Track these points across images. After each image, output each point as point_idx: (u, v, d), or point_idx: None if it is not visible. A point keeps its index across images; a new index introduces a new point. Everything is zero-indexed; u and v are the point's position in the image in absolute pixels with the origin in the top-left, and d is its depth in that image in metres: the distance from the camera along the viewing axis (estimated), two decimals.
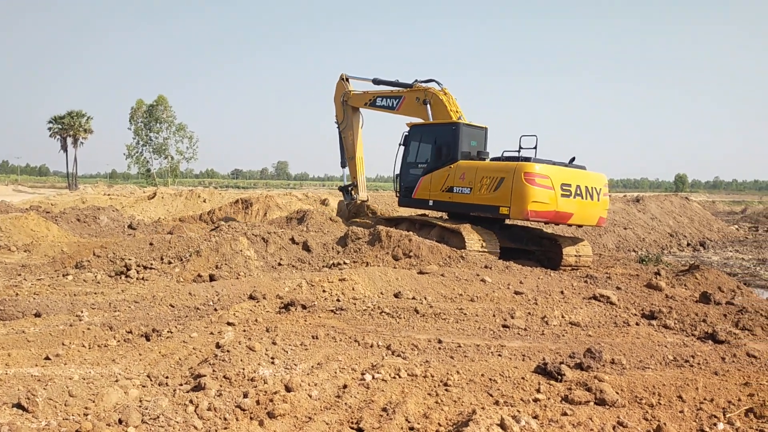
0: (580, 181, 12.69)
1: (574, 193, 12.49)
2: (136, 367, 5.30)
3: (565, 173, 12.55)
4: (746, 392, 5.07)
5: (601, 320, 7.90)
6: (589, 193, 12.79)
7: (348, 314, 7.48)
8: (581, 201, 12.64)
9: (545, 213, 12.24)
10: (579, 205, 12.62)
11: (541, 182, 12.13)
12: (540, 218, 12.38)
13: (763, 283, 15.15)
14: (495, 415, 3.97)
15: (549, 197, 12.14)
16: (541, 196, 12.10)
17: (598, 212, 13.20)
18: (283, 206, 22.49)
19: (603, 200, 13.23)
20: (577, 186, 12.56)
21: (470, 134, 14.27)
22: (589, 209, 12.91)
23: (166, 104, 69.24)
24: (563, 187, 12.33)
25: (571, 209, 12.49)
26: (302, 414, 4.38)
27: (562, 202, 12.29)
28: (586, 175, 12.95)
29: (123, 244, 10.68)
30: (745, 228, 35.44)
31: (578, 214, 12.72)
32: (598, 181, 13.17)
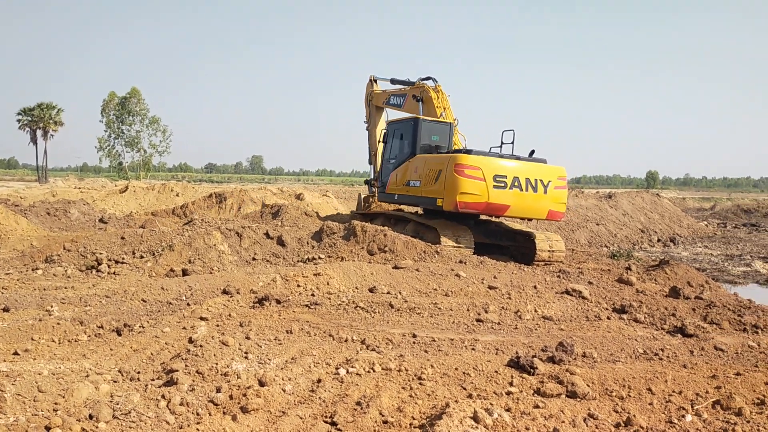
0: (522, 173, 12.48)
1: (510, 184, 12.30)
2: (107, 362, 5.23)
3: (501, 165, 12.41)
4: (713, 385, 5.18)
5: (573, 314, 7.99)
6: (531, 185, 12.53)
7: (322, 309, 7.47)
8: (519, 193, 12.41)
9: (476, 204, 12.23)
10: (516, 197, 12.40)
11: (471, 173, 12.10)
12: (470, 209, 12.35)
13: (730, 278, 15.44)
14: (468, 408, 4.00)
15: (479, 189, 12.10)
16: (471, 187, 12.09)
17: (545, 205, 12.88)
18: (258, 201, 22.31)
19: (554, 193, 12.90)
20: (515, 178, 12.36)
21: (431, 129, 14.44)
22: (529, 202, 12.66)
23: (139, 97, 68.22)
24: (496, 178, 12.20)
25: (506, 201, 12.33)
26: (276, 408, 4.37)
27: (494, 194, 12.18)
28: (531, 167, 12.71)
29: (94, 238, 10.53)
30: (713, 224, 36.07)
31: (516, 206, 12.51)
32: (549, 173, 12.92)
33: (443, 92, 15.38)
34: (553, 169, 13.08)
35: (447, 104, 15.17)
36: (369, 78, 18.67)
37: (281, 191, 26.31)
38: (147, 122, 68.81)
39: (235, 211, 21.21)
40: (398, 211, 15.65)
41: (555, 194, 12.93)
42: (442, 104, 15.06)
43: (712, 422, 4.26)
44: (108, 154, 69.39)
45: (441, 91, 15.37)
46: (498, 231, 14.20)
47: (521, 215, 13.11)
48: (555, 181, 12.93)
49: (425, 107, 15.26)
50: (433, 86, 15.49)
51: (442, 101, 15.11)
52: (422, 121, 14.35)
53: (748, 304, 8.89)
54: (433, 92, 15.21)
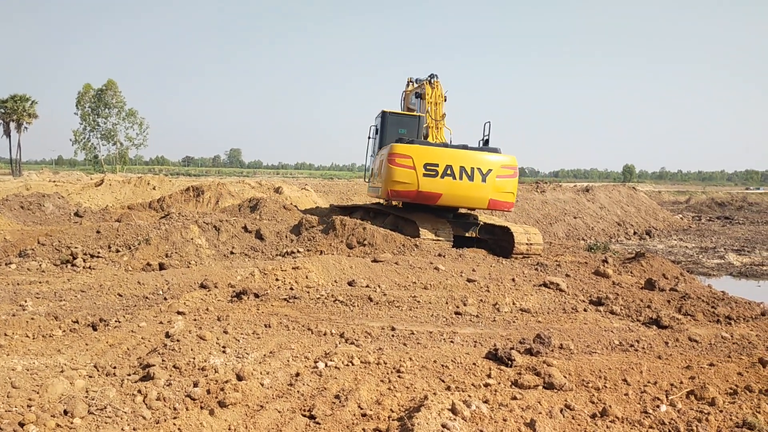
0: (456, 161, 12.43)
1: (443, 173, 12.32)
2: (82, 357, 5.17)
3: (433, 153, 12.44)
4: (688, 375, 5.25)
5: (551, 307, 8.06)
6: (467, 174, 12.44)
7: (301, 303, 7.45)
8: (452, 182, 12.38)
9: (407, 193, 12.43)
10: (448, 185, 12.39)
11: (401, 162, 12.29)
12: (401, 198, 12.57)
13: (704, 270, 15.68)
14: (446, 401, 4.02)
15: (410, 177, 12.25)
16: (402, 176, 12.30)
17: (484, 194, 12.71)
18: (236, 194, 22.16)
19: (496, 182, 12.72)
20: (448, 166, 12.35)
21: (398, 122, 14.56)
22: (463, 191, 12.59)
23: (115, 89, 67.39)
24: (427, 167, 12.27)
25: (437, 189, 12.38)
26: (254, 402, 4.35)
27: (424, 182, 12.27)
28: (468, 156, 12.62)
29: (69, 232, 10.39)
30: (688, 217, 36.60)
31: (448, 194, 12.50)
32: (491, 162, 12.74)
33: (439, 87, 15.34)
34: (496, 157, 12.88)
35: (439, 99, 15.16)
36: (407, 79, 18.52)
37: (260, 185, 26.17)
38: (124, 115, 67.99)
39: (212, 204, 21.05)
40: (377, 205, 15.67)
41: (497, 183, 12.76)
42: (433, 99, 15.10)
43: (686, 412, 4.32)
44: (83, 147, 68.53)
45: (437, 86, 15.33)
46: (476, 224, 14.26)
47: (457, 204, 13.14)
48: (498, 170, 12.75)
49: (422, 103, 15.38)
50: (430, 82, 15.49)
51: (434, 96, 15.15)
52: (388, 115, 14.50)
53: (722, 295, 9.04)
54: (428, 87, 15.23)
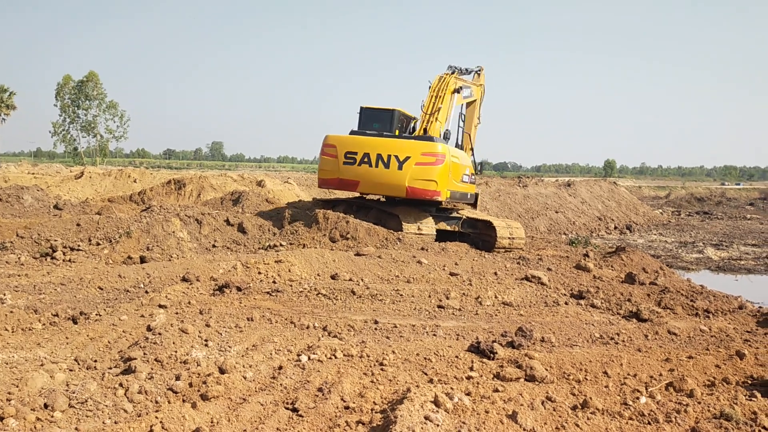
0: (373, 149, 12.50)
1: (360, 161, 12.50)
2: (62, 350, 5.12)
3: (353, 142, 12.76)
4: (667, 367, 5.33)
5: (533, 300, 8.12)
6: (382, 161, 12.40)
7: (284, 296, 7.44)
8: (368, 169, 12.47)
9: (331, 181, 13.03)
10: (365, 173, 12.51)
11: (328, 152, 12.90)
12: (328, 186, 13.21)
13: (684, 264, 15.87)
14: (429, 393, 4.04)
15: (333, 166, 12.79)
16: (327, 164, 12.93)
17: (401, 182, 12.39)
18: (218, 187, 22.02)
19: (414, 169, 12.36)
20: (365, 154, 12.48)
21: (372, 117, 14.42)
22: (380, 178, 12.51)
23: (96, 80, 66.48)
24: (347, 155, 12.61)
25: (355, 177, 12.65)
26: (236, 395, 4.34)
27: (344, 170, 12.66)
28: (385, 144, 12.62)
29: (48, 225, 10.27)
30: (668, 212, 37.02)
31: (366, 182, 12.67)
32: (409, 150, 12.50)
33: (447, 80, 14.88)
34: (416, 145, 12.70)
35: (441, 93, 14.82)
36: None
37: (242, 178, 26.02)
38: (104, 107, 67.15)
39: (194, 197, 20.91)
40: (360, 199, 15.61)
41: (415, 170, 12.42)
42: (435, 92, 14.83)
43: (666, 404, 4.38)
44: (63, 139, 67.55)
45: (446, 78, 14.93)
46: (459, 218, 14.30)
47: (375, 191, 13.39)
48: (416, 157, 12.44)
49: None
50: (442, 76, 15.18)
51: (436, 88, 14.87)
52: (363, 109, 14.43)
53: (701, 289, 9.16)
54: (437, 79, 14.93)
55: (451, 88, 14.74)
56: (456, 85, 14.92)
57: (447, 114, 14.60)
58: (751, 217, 33.86)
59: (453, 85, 14.76)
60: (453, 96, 14.89)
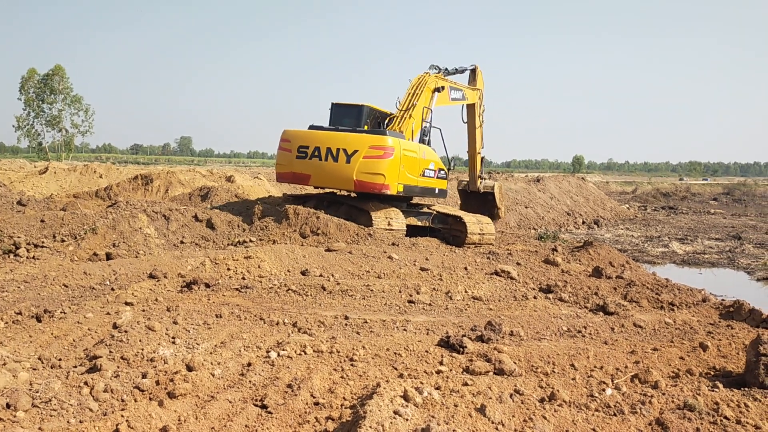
0: (324, 143, 12.62)
1: (311, 154, 12.69)
2: (26, 349, 5.02)
3: (305, 136, 12.94)
4: (632, 360, 5.42)
5: (502, 294, 8.18)
6: (332, 155, 12.49)
7: (254, 292, 7.38)
8: (318, 163, 12.63)
9: (285, 174, 13.22)
10: (315, 166, 12.69)
11: (283, 146, 13.14)
12: (283, 180, 13.45)
13: (650, 258, 16.15)
14: (398, 388, 4.04)
15: (287, 159, 13.02)
16: (282, 158, 13.19)
17: (348, 175, 12.42)
18: (186, 183, 21.75)
19: (362, 162, 12.37)
20: (316, 148, 12.64)
21: (342, 113, 14.40)
22: (328, 171, 12.61)
23: (63, 74, 65.03)
24: (299, 149, 12.81)
25: (306, 170, 12.82)
26: (204, 393, 4.30)
27: (296, 164, 12.86)
28: (335, 137, 12.67)
29: (11, 221, 10.03)
30: (635, 207, 37.63)
31: (316, 175, 12.79)
32: (357, 143, 12.53)
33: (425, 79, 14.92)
34: (365, 138, 12.72)
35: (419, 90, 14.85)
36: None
37: (211, 173, 25.73)
38: (69, 101, 65.77)
39: (162, 193, 20.61)
40: (331, 194, 15.55)
41: (363, 164, 12.42)
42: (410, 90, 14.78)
43: (631, 395, 4.45)
44: (27, 133, 66.00)
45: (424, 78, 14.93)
46: (430, 214, 14.35)
47: (326, 185, 13.43)
48: (365, 151, 12.43)
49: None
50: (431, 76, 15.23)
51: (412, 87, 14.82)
52: (333, 105, 14.41)
53: (666, 283, 9.33)
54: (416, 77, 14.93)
55: (430, 86, 14.79)
56: (436, 84, 14.94)
57: (423, 112, 14.59)
58: (714, 212, 34.58)
59: (433, 84, 14.80)
60: (433, 95, 14.92)
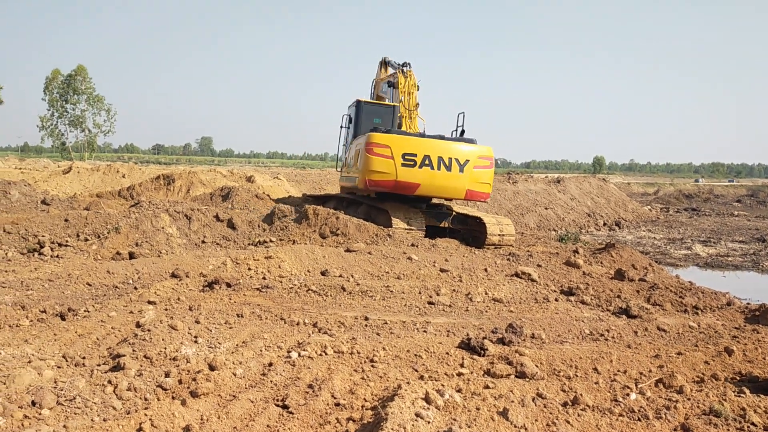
0: (434, 152, 12.50)
1: (421, 163, 12.40)
2: (50, 347, 5.07)
3: (411, 143, 12.49)
4: (656, 364, 5.35)
5: (523, 296, 8.13)
6: (444, 164, 12.52)
7: (274, 292, 7.40)
8: (430, 172, 12.45)
9: (385, 182, 12.43)
10: (427, 175, 12.46)
11: (379, 152, 12.31)
12: (379, 188, 12.56)
13: (672, 261, 15.97)
14: (420, 390, 4.03)
15: (387, 167, 12.27)
16: (380, 165, 12.29)
17: (462, 185, 12.77)
18: (207, 183, 21.91)
19: (474, 173, 12.78)
20: (426, 156, 12.42)
21: (373, 112, 14.46)
22: (441, 181, 12.65)
23: (85, 75, 65.85)
24: (405, 156, 12.33)
25: (415, 180, 12.44)
26: (226, 392, 4.32)
27: (402, 172, 12.32)
28: (446, 147, 12.68)
29: (36, 220, 10.17)
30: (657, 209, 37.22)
31: (427, 185, 12.57)
32: (469, 153, 12.82)
33: (412, 77, 15.25)
34: (474, 148, 12.95)
35: (412, 89, 15.07)
36: (380, 60, 18.08)
37: (231, 173, 25.90)
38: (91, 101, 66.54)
39: (183, 193, 20.78)
40: (351, 194, 15.62)
41: (475, 174, 12.81)
42: (406, 89, 15.00)
43: (655, 400, 4.40)
44: (51, 133, 66.91)
45: (410, 75, 15.25)
46: (449, 214, 14.32)
47: (435, 194, 13.19)
48: (475, 161, 12.80)
49: (395, 92, 15.26)
50: (404, 71, 15.37)
51: (407, 86, 15.03)
52: (363, 104, 14.43)
53: (689, 286, 9.21)
54: (401, 77, 15.13)
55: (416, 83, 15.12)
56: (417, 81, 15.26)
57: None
58: (738, 213, 34.13)
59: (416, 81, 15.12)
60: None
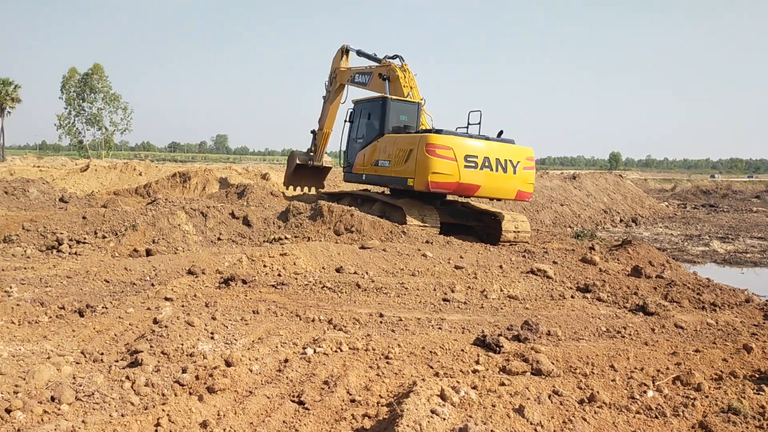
0: (492, 153, 12.56)
1: (481, 165, 12.41)
2: (69, 343, 5.13)
3: (471, 145, 12.48)
4: (674, 361, 5.31)
5: (538, 293, 8.10)
6: (501, 165, 12.63)
7: (289, 289, 7.44)
8: (490, 173, 12.51)
9: (447, 184, 12.30)
10: (487, 177, 12.50)
11: (442, 153, 12.17)
12: (441, 189, 12.43)
13: (690, 257, 15.82)
14: (435, 387, 4.03)
15: (451, 168, 12.17)
16: (443, 167, 12.15)
17: (514, 185, 12.98)
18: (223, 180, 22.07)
19: (523, 174, 13.02)
20: (486, 158, 12.45)
21: (399, 109, 14.34)
22: (500, 182, 12.77)
23: (102, 73, 66.40)
24: (467, 158, 12.29)
25: (477, 181, 12.43)
26: (243, 388, 4.34)
27: (465, 174, 12.28)
28: (501, 148, 12.81)
29: (54, 218, 10.28)
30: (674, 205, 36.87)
31: (486, 186, 12.62)
32: (518, 154, 13.01)
33: (410, 71, 15.26)
34: (521, 149, 13.18)
35: (414, 83, 15.06)
36: (340, 48, 18.19)
37: (246, 171, 26.04)
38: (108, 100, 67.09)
39: (199, 190, 20.94)
40: (365, 191, 15.60)
41: (523, 175, 13.04)
42: (408, 83, 14.95)
43: (673, 397, 4.37)
44: (68, 131, 67.55)
45: (408, 70, 15.25)
46: (464, 211, 14.27)
47: (491, 195, 13.21)
48: (524, 162, 13.01)
49: (391, 86, 15.11)
50: (399, 65, 15.37)
51: (408, 80, 14.98)
52: (391, 101, 14.27)
53: (707, 282, 9.12)
54: (400, 71, 15.09)
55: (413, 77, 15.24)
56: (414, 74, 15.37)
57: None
58: (757, 209, 33.71)
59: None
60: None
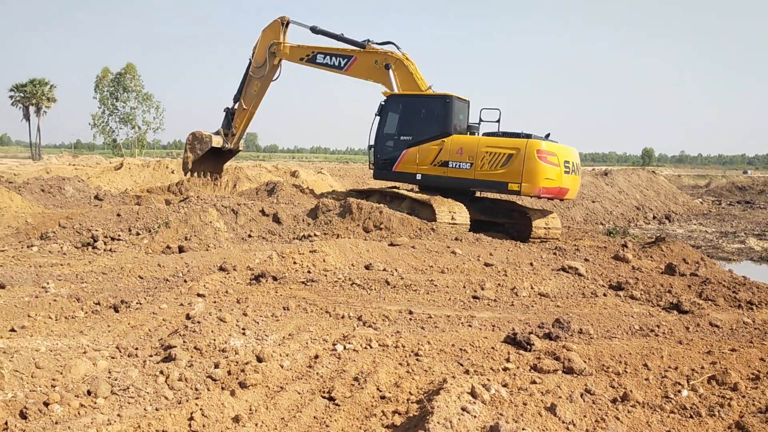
0: (572, 157, 13.00)
1: (572, 169, 12.86)
2: (104, 338, 5.23)
3: (564, 151, 12.83)
4: (709, 360, 5.21)
5: (570, 291, 8.01)
6: (575, 168, 13.12)
7: (319, 286, 7.48)
8: (574, 177, 13.00)
9: (552, 189, 12.59)
10: (573, 180, 12.96)
11: (551, 159, 12.46)
12: (548, 194, 12.66)
13: (725, 255, 15.50)
14: (466, 384, 4.02)
15: (556, 174, 12.49)
16: (551, 173, 12.44)
17: (578, 186, 13.69)
18: (253, 178, 22.26)
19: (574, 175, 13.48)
20: (571, 162, 12.88)
21: (459, 108, 14.06)
22: (576, 184, 13.30)
23: (134, 73, 67.42)
24: (566, 164, 12.67)
25: (569, 185, 12.85)
26: (274, 384, 4.38)
27: (565, 179, 12.65)
28: (573, 152, 13.20)
29: (89, 215, 10.48)
30: (708, 201, 36.15)
31: (572, 189, 13.14)
32: (577, 155, 13.43)
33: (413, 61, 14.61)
34: (576, 151, 13.53)
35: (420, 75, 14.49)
36: (278, 19, 16.53)
37: (276, 168, 26.25)
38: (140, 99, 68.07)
39: (230, 188, 21.15)
40: (393, 189, 15.51)
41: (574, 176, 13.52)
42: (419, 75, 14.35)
43: (708, 397, 4.29)
44: (102, 130, 68.71)
45: (411, 59, 14.58)
46: (494, 208, 14.19)
47: (571, 197, 13.59)
48: (580, 164, 13.57)
49: (399, 76, 14.48)
50: (400, 53, 14.62)
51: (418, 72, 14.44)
52: (455, 100, 13.80)
53: (743, 280, 8.93)
54: (406, 61, 14.43)
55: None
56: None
57: None
58: None
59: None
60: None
